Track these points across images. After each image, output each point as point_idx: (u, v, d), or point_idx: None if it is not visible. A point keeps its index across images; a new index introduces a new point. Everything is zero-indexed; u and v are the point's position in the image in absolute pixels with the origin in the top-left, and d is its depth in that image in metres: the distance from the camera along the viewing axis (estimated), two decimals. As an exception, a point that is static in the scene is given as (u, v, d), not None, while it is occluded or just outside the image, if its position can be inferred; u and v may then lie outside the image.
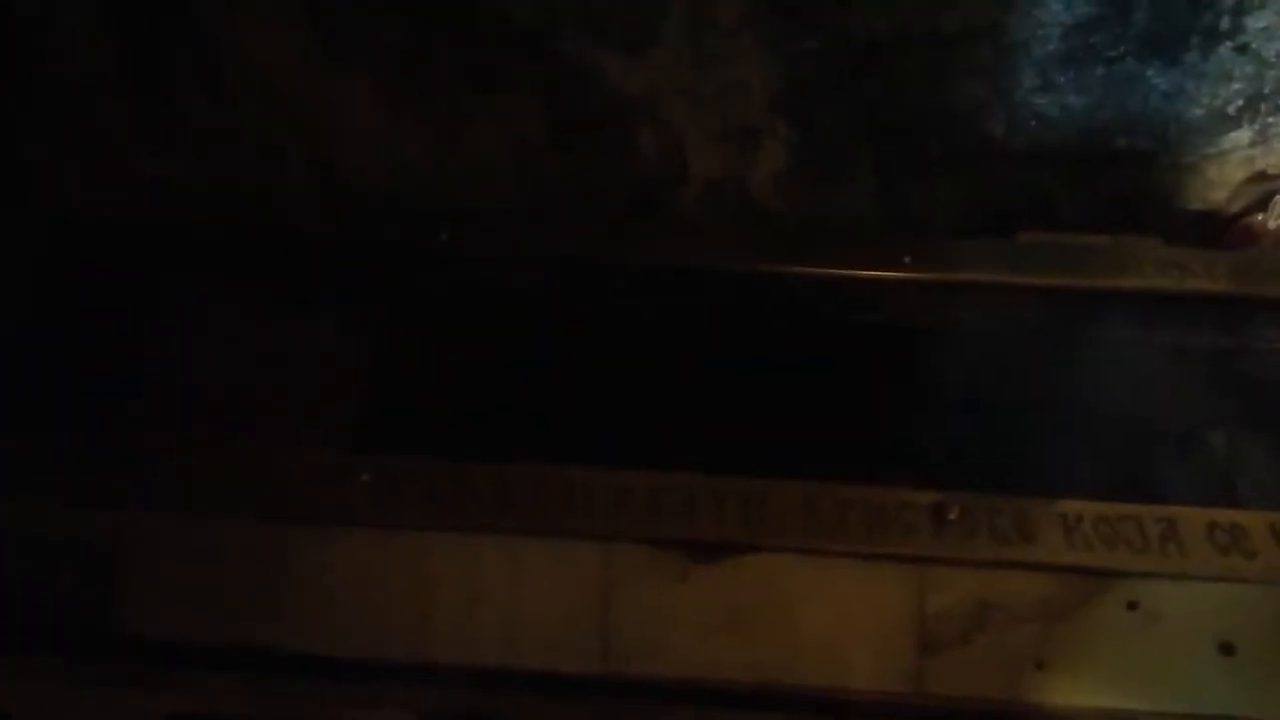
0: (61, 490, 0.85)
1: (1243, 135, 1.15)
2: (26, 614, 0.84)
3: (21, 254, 1.04)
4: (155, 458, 0.87)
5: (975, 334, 1.09)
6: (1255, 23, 1.08)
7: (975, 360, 1.08)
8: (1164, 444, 1.07)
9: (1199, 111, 1.13)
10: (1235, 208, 1.20)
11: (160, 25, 1.13)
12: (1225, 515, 0.83)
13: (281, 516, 0.82)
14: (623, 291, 1.09)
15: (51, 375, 1.00)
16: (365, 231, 1.11)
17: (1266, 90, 1.12)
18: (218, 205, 1.12)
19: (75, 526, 0.83)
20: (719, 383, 1.03)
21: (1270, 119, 1.14)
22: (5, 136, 1.11)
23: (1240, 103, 1.13)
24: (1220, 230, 1.21)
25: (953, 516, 0.81)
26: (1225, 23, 1.08)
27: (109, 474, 0.85)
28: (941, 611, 0.79)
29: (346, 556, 0.81)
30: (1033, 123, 1.13)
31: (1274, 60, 1.10)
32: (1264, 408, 1.08)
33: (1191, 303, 1.09)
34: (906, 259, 1.04)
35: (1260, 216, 1.19)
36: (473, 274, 1.10)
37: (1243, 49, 1.09)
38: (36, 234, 1.05)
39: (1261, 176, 1.18)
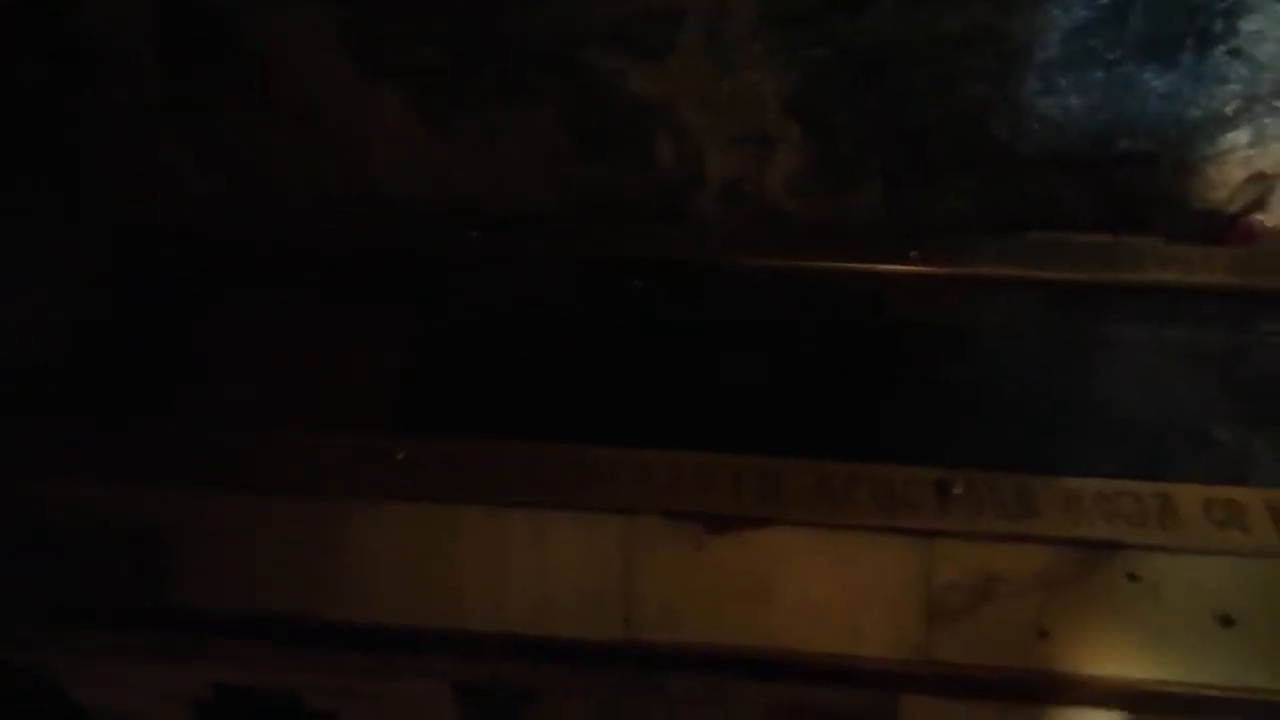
0: (115, 471, 0.90)
1: (1240, 136, 1.18)
2: (79, 589, 0.89)
3: (86, 261, 1.10)
4: (203, 442, 0.92)
5: (981, 328, 1.13)
6: (1248, 26, 1.11)
7: (982, 353, 1.12)
8: (1169, 435, 1.09)
9: (1197, 113, 1.17)
10: (1235, 207, 1.23)
11: (205, 47, 1.19)
12: (1221, 492, 0.86)
13: (321, 493, 0.86)
14: (642, 288, 1.14)
15: (111, 368, 1.06)
16: (399, 237, 1.16)
17: (1262, 92, 1.15)
18: (261, 215, 1.18)
19: (127, 505, 0.88)
20: (737, 371, 1.07)
21: (1266, 120, 1.17)
22: (73, 154, 1.18)
23: (1237, 104, 1.16)
24: (1221, 229, 1.24)
25: (957, 491, 0.85)
26: (1219, 26, 1.11)
27: (160, 457, 0.90)
28: (948, 583, 0.82)
29: (382, 531, 0.85)
30: (1036, 125, 1.17)
31: (1268, 63, 1.13)
32: (1268, 400, 1.11)
33: (1194, 297, 1.13)
34: (914, 254, 1.08)
35: (1259, 215, 1.23)
36: (501, 274, 1.15)
37: (1236, 52, 1.13)
38: (99, 243, 1.11)
39: (1259, 176, 1.21)
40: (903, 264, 1.07)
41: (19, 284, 1.08)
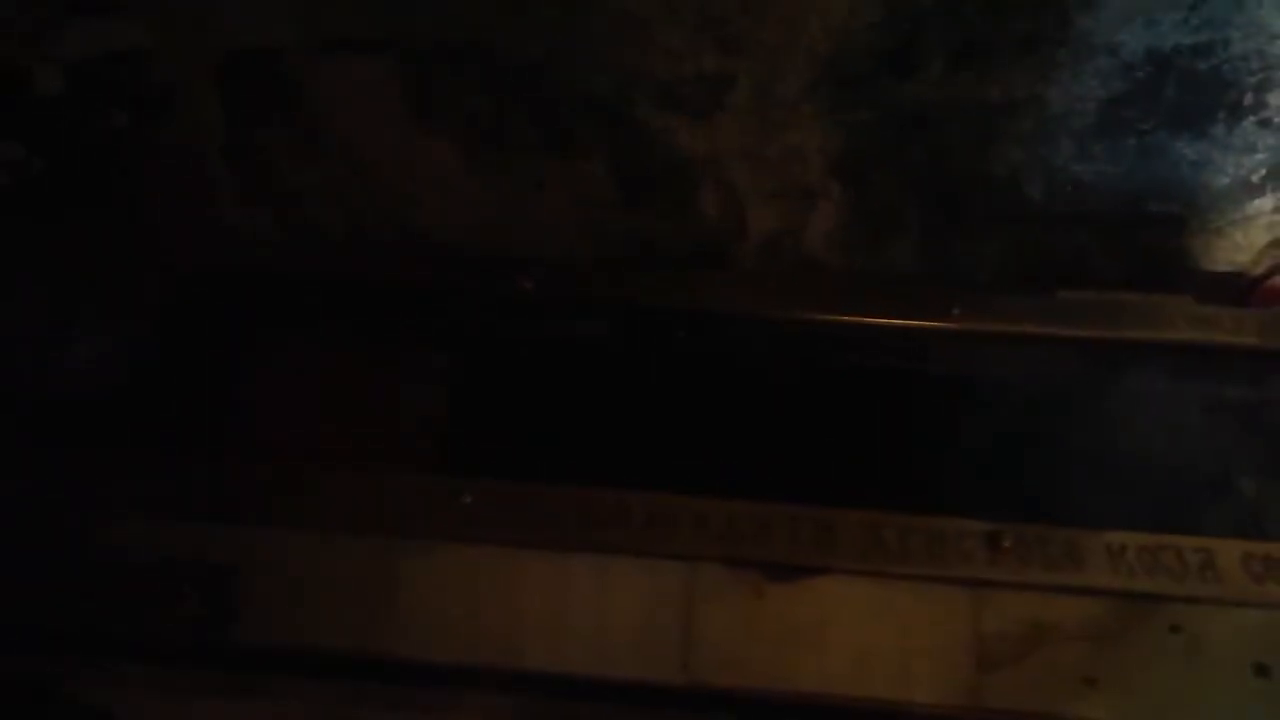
0: (186, 508, 0.92)
1: (1266, 202, 1.22)
2: (148, 624, 0.91)
3: (146, 300, 1.13)
4: (268, 480, 0.94)
5: (1019, 383, 1.16)
6: (1276, 99, 1.16)
7: (1018, 407, 1.16)
8: (1196, 489, 1.13)
9: (1225, 180, 1.21)
10: (1259, 270, 1.27)
11: (262, 95, 1.23)
12: (1259, 546, 0.90)
13: (388, 533, 0.89)
14: (686, 336, 1.17)
15: (176, 407, 1.09)
16: (447, 281, 1.20)
17: (1287, 161, 1.20)
18: (314, 258, 1.22)
19: (198, 542, 0.91)
20: (782, 421, 1.11)
21: (1291, 188, 1.22)
22: (132, 198, 1.21)
23: (1263, 172, 1.20)
24: (1246, 291, 1.28)
25: (1007, 544, 0.88)
26: (1249, 99, 1.16)
27: (229, 495, 0.93)
28: (997, 631, 0.85)
29: (445, 572, 0.88)
30: (1070, 188, 1.21)
31: (1294, 133, 1.18)
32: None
33: (1221, 356, 1.17)
34: (955, 310, 1.12)
35: (1283, 278, 1.27)
36: (547, 319, 1.19)
37: (1265, 123, 1.17)
38: (159, 284, 1.15)
39: (1285, 241, 1.25)
40: (945, 320, 1.11)
41: (83, 323, 1.11)
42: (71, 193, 1.20)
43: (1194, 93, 1.15)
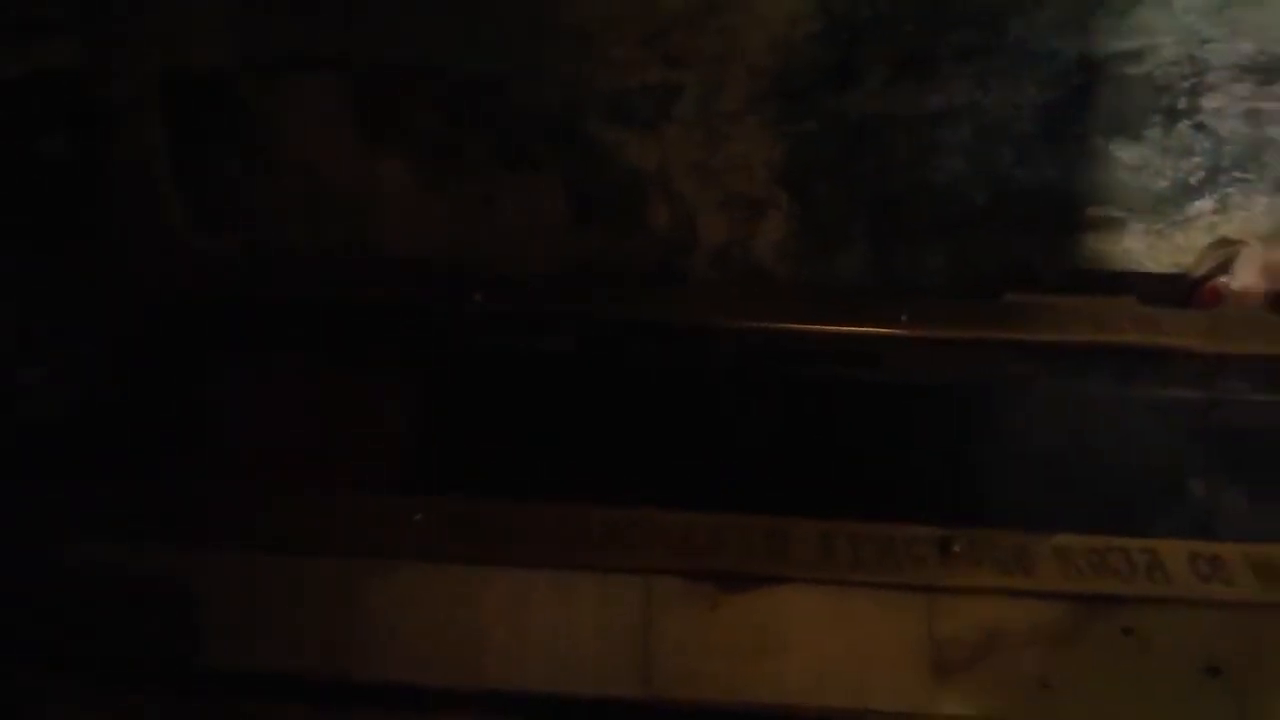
0: (144, 532, 0.91)
1: (1205, 204, 1.24)
2: (110, 646, 0.89)
3: (106, 324, 1.11)
4: (229, 503, 0.93)
5: (968, 388, 1.17)
6: (1210, 103, 1.18)
7: (968, 412, 1.17)
8: (1144, 491, 1.14)
9: (1164, 183, 1.23)
10: (1201, 271, 1.29)
11: (210, 115, 1.22)
12: (1205, 546, 0.91)
13: (347, 553, 0.88)
14: (641, 349, 1.17)
15: (135, 430, 1.07)
16: (403, 299, 1.19)
17: (1224, 164, 1.22)
18: (271, 278, 1.21)
19: (159, 564, 0.89)
20: (734, 430, 1.11)
21: (1229, 189, 1.23)
22: (89, 223, 1.19)
23: (1201, 174, 1.23)
24: (1188, 292, 1.30)
25: (958, 549, 0.89)
26: (1183, 103, 1.18)
27: (191, 517, 0.92)
28: (952, 636, 0.86)
29: (405, 591, 0.87)
30: (1011, 194, 1.23)
31: (1229, 136, 1.20)
32: (1236, 455, 1.16)
33: (1165, 357, 1.18)
34: (904, 317, 1.12)
35: (1224, 279, 1.29)
36: (504, 334, 1.18)
37: (1200, 126, 1.20)
38: (118, 307, 1.13)
39: (1224, 242, 1.27)
40: (895, 327, 1.11)
41: (37, 347, 1.09)
42: (14, 217, 1.17)
43: (1129, 98, 1.17)
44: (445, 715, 0.86)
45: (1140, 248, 1.27)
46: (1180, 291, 1.29)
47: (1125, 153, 1.22)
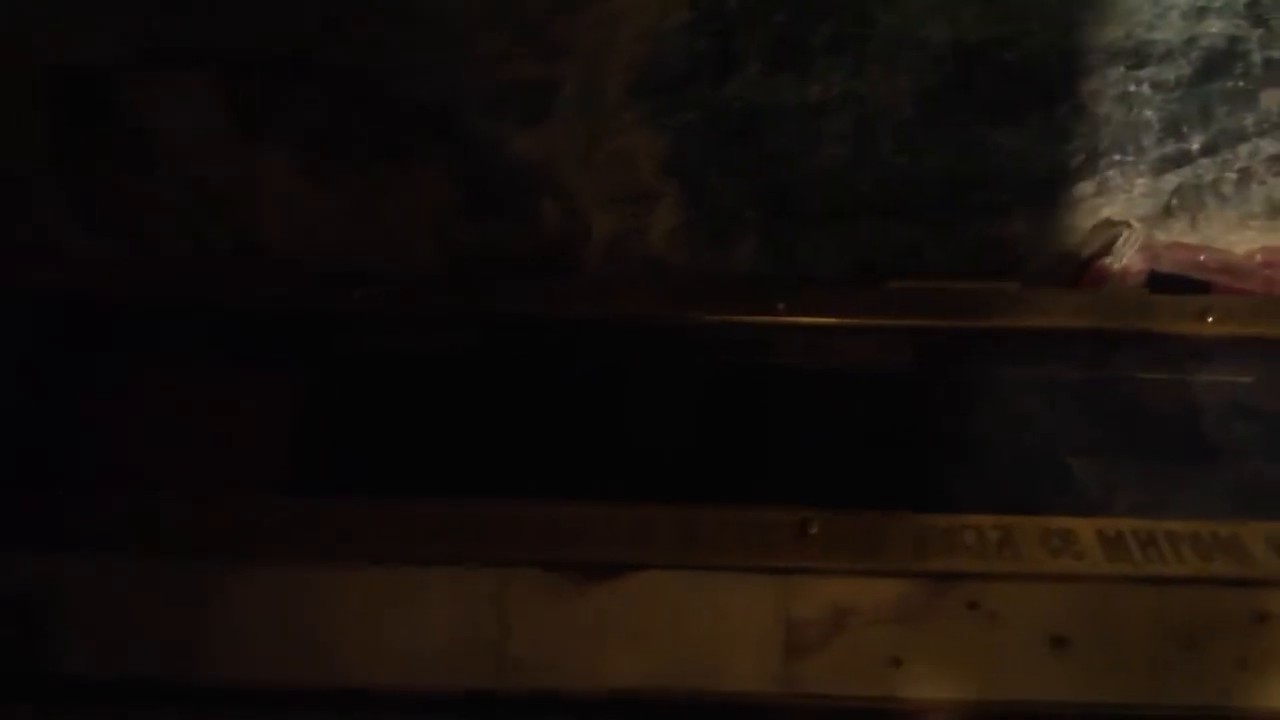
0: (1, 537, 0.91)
1: (1087, 187, 1.26)
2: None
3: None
4: (91, 507, 0.93)
5: (851, 373, 1.19)
6: (1086, 86, 1.20)
7: (852, 396, 1.18)
8: (1034, 471, 1.17)
9: (1045, 167, 1.25)
10: (1087, 252, 1.32)
11: (86, 108, 1.21)
12: (1056, 521, 0.93)
13: (200, 555, 0.89)
14: (526, 343, 1.18)
15: (4, 436, 1.07)
16: (284, 298, 1.19)
17: (1103, 146, 1.24)
18: (146, 277, 1.20)
19: (7, 571, 0.89)
20: (613, 419, 1.12)
21: (1109, 172, 1.25)
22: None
23: (1081, 157, 1.24)
24: (1075, 273, 1.33)
25: (814, 531, 0.90)
26: (1059, 87, 1.20)
27: (48, 523, 0.92)
28: (805, 618, 0.88)
29: (256, 592, 0.88)
30: (894, 181, 1.25)
31: (1105, 119, 1.22)
32: (1126, 433, 1.19)
33: (1052, 339, 1.21)
34: (781, 306, 1.14)
35: (1107, 259, 1.31)
36: (387, 333, 1.18)
37: (1078, 110, 1.22)
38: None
39: (1107, 223, 1.30)
40: (771, 315, 1.13)
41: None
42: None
43: (1005, 83, 1.19)
44: (299, 715, 0.87)
45: (1025, 231, 1.29)
46: (1066, 273, 1.31)
47: (1006, 138, 1.23)
